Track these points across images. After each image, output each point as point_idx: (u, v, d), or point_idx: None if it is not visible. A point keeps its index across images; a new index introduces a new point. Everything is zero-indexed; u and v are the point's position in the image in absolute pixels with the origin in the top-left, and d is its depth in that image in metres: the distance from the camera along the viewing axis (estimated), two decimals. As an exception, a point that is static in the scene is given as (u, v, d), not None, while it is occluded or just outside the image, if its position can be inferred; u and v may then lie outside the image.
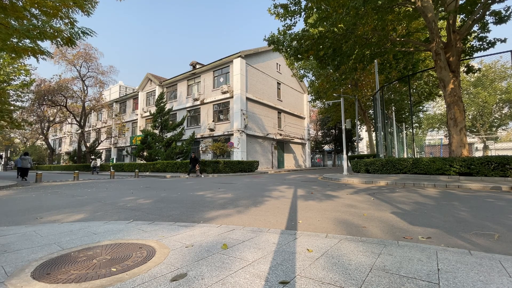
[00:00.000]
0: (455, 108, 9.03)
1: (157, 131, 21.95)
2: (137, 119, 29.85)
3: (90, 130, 36.82)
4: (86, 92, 28.46)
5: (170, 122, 22.89)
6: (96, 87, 28.99)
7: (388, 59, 13.25)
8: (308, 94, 29.03)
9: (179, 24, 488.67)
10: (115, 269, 1.65)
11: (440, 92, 16.52)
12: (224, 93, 21.06)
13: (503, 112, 33.43)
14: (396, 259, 1.75)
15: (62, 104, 28.21)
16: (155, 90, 27.78)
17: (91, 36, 6.16)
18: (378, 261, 1.71)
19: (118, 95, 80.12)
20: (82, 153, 30.14)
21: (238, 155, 19.64)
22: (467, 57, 11.01)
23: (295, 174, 15.93)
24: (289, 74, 26.90)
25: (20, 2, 5.39)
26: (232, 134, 20.36)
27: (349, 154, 33.38)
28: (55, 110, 31.90)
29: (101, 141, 30.95)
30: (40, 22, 5.63)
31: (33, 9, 5.67)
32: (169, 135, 21.76)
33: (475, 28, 10.29)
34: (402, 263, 1.67)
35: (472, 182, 7.04)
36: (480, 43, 10.33)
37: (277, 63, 26.07)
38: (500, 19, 9.35)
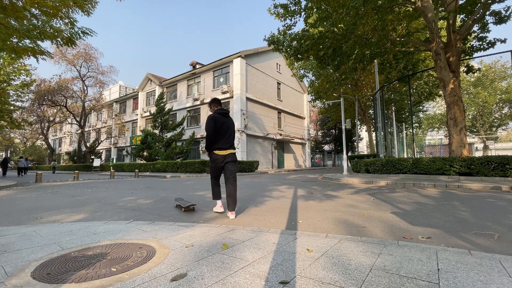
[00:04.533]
0: (455, 108, 9.03)
1: (157, 131, 21.95)
2: (137, 119, 29.86)
3: (90, 130, 36.82)
4: (86, 92, 28.49)
5: (170, 122, 22.90)
6: (96, 87, 29.05)
7: (388, 59, 13.25)
8: (308, 94, 29.03)
9: (179, 24, 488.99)
10: (115, 269, 1.65)
11: (440, 92, 16.52)
12: (224, 93, 21.06)
13: (503, 112, 33.45)
14: (396, 259, 1.75)
15: (62, 104, 28.23)
16: (155, 90, 27.79)
17: (91, 36, 6.17)
18: (378, 261, 1.71)
19: (118, 95, 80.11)
20: (82, 153, 30.14)
21: (238, 155, 19.65)
22: (467, 57, 11.01)
23: (295, 174, 15.93)
24: (289, 74, 26.91)
25: (20, 2, 5.39)
26: (232, 134, 20.35)
27: (349, 154, 33.39)
28: (55, 110, 31.92)
29: (101, 141, 30.96)
30: (40, 22, 5.63)
31: (33, 9, 5.68)
32: (169, 135, 21.77)
33: (475, 28, 10.29)
34: (402, 263, 1.67)
35: (472, 182, 7.04)
36: (480, 43, 10.33)
37: (277, 63, 26.07)
38: (500, 19, 9.35)
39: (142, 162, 22.11)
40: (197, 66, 25.54)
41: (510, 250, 2.13)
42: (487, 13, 9.32)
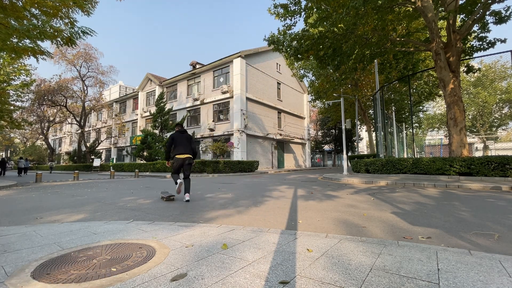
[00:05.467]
0: (455, 108, 9.03)
1: (157, 131, 21.96)
2: (137, 119, 29.85)
3: (90, 130, 36.82)
4: (86, 92, 28.49)
5: (170, 122, 22.91)
6: (96, 87, 29.05)
7: (388, 59, 13.24)
8: (308, 94, 29.03)
9: (179, 24, 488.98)
10: (115, 269, 1.65)
11: (440, 92, 16.52)
12: (224, 93, 21.06)
13: (503, 112, 33.44)
14: (396, 259, 1.75)
15: (62, 104, 28.22)
16: (155, 90, 27.78)
17: (91, 35, 6.16)
18: (378, 261, 1.71)
19: (118, 95, 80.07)
20: (82, 153, 30.15)
21: (238, 155, 19.65)
22: (467, 57, 11.01)
23: (295, 174, 15.94)
24: (289, 74, 26.91)
25: (20, 2, 5.39)
26: (232, 134, 20.36)
27: (349, 154, 33.38)
28: (55, 110, 31.91)
29: (101, 141, 30.95)
30: (40, 22, 5.63)
31: (33, 9, 5.67)
32: (169, 135, 21.77)
33: (475, 28, 10.29)
34: (402, 263, 1.67)
35: (472, 182, 7.04)
36: (480, 43, 10.33)
37: (277, 63, 26.06)
38: (500, 19, 9.35)
39: (142, 162, 22.11)
40: (197, 66, 25.53)
41: (510, 250, 2.13)
42: (487, 13, 9.32)
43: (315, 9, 9.58)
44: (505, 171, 7.44)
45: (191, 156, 5.13)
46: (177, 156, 5.05)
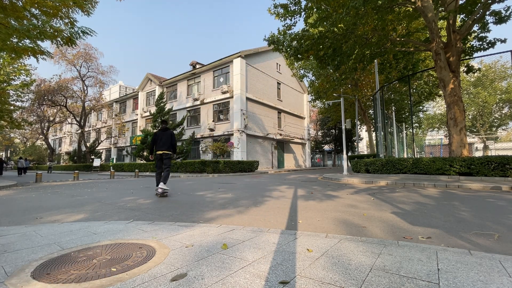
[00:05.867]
0: (455, 108, 9.03)
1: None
2: (137, 119, 29.85)
3: (90, 130, 36.81)
4: (86, 92, 28.49)
5: (170, 122, 22.90)
6: (96, 87, 29.06)
7: (388, 59, 13.25)
8: (308, 94, 29.03)
9: (179, 24, 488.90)
10: (115, 269, 1.65)
11: (440, 92, 16.52)
12: (224, 93, 21.06)
13: (503, 112, 33.44)
14: (396, 259, 1.75)
15: (62, 104, 28.22)
16: (155, 90, 27.78)
17: (91, 35, 6.16)
18: (378, 261, 1.71)
19: (118, 95, 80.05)
20: (82, 153, 30.14)
21: (238, 155, 19.64)
22: (467, 57, 11.01)
23: (295, 174, 15.93)
24: (289, 74, 26.90)
25: (20, 2, 5.39)
26: (232, 134, 20.36)
27: (349, 154, 33.37)
28: (55, 110, 31.90)
29: (101, 141, 30.95)
30: (40, 22, 5.63)
31: (33, 9, 5.67)
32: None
33: (475, 28, 10.29)
34: (402, 263, 1.67)
35: (472, 182, 7.04)
36: (480, 43, 10.34)
37: (277, 63, 26.06)
38: (500, 19, 9.35)
39: (142, 162, 22.11)
40: (197, 66, 25.53)
41: (510, 250, 2.13)
42: (487, 13, 9.32)
43: (315, 9, 9.58)
44: (505, 171, 7.44)
45: (168, 152, 6.10)
46: (157, 152, 6.12)
